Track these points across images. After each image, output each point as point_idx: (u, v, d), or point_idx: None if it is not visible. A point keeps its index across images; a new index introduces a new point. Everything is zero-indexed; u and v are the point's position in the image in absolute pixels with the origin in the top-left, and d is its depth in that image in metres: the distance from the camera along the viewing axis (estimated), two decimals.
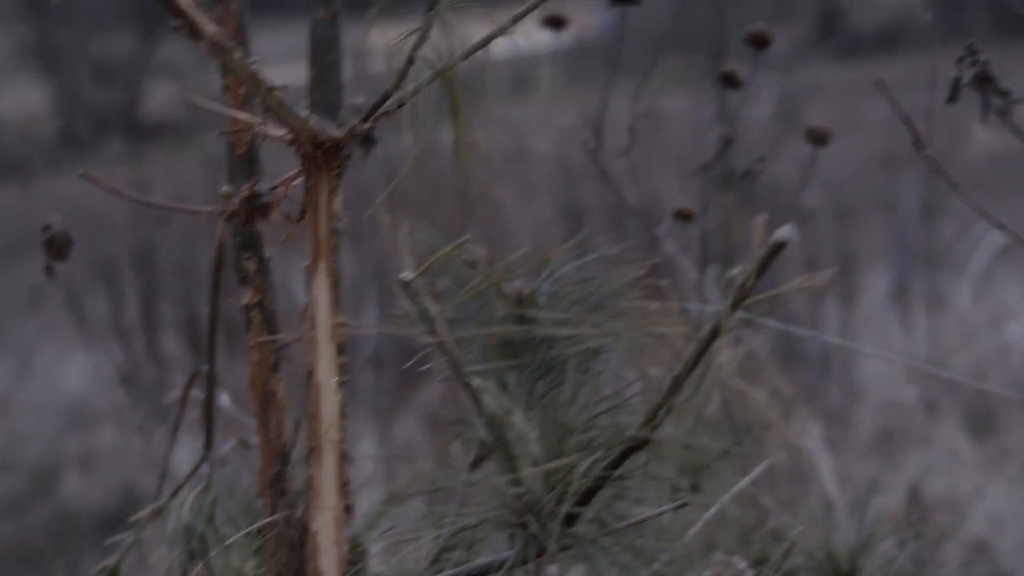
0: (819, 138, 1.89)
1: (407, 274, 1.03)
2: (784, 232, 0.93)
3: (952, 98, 1.27)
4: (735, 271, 0.94)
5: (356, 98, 1.26)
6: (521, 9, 1.21)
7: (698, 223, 1.87)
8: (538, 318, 1.12)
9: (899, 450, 4.50)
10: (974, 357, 4.91)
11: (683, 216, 1.90)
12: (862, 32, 13.03)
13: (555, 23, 1.86)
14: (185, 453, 1.53)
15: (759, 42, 1.80)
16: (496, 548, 1.11)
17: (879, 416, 4.73)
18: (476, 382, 1.01)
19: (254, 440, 1.31)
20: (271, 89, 1.14)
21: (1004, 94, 1.26)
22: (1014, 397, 2.79)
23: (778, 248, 0.93)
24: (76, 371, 5.77)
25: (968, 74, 1.25)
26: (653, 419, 0.96)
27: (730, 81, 1.94)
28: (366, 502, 1.36)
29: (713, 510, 1.25)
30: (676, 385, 0.96)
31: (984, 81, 1.25)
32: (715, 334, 0.93)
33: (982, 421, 4.76)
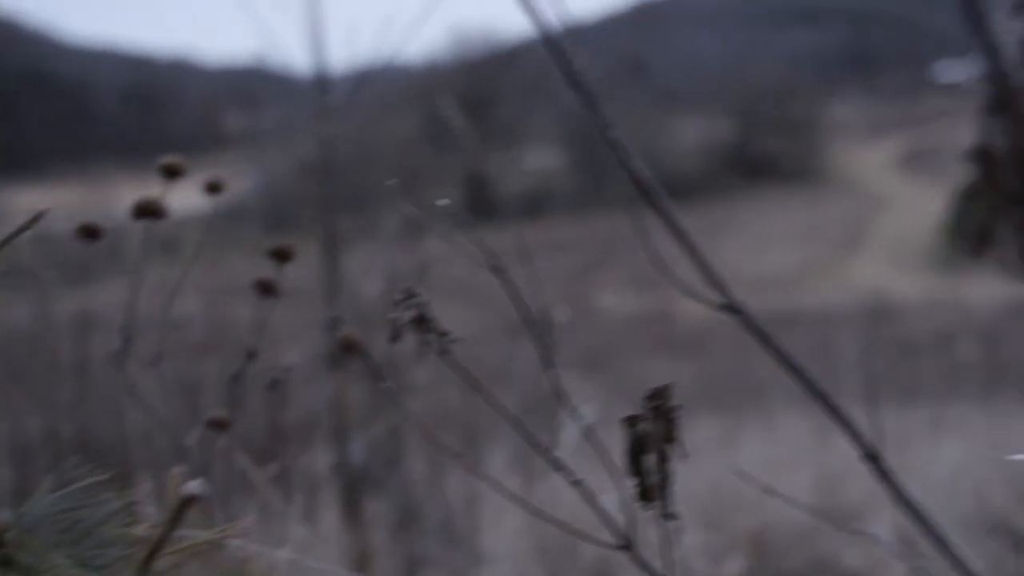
0: (348, 349, 1.92)
1: None
2: (192, 486, 0.98)
3: (394, 338, 1.36)
4: (148, 524, 0.99)
5: None
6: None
7: (234, 430, 1.89)
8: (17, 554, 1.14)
9: None
10: (581, 524, 5.07)
11: (217, 425, 1.90)
12: (506, 198, 13.50)
13: (213, 188, 1.88)
14: None
15: (281, 256, 1.83)
16: None
17: None
18: None
19: None
20: None
21: (443, 335, 1.35)
22: None
23: (187, 502, 0.98)
24: None
25: (407, 316, 1.34)
26: None
27: (270, 277, 1.91)
28: None
29: None
30: None
31: (422, 323, 1.34)
32: None
33: None
